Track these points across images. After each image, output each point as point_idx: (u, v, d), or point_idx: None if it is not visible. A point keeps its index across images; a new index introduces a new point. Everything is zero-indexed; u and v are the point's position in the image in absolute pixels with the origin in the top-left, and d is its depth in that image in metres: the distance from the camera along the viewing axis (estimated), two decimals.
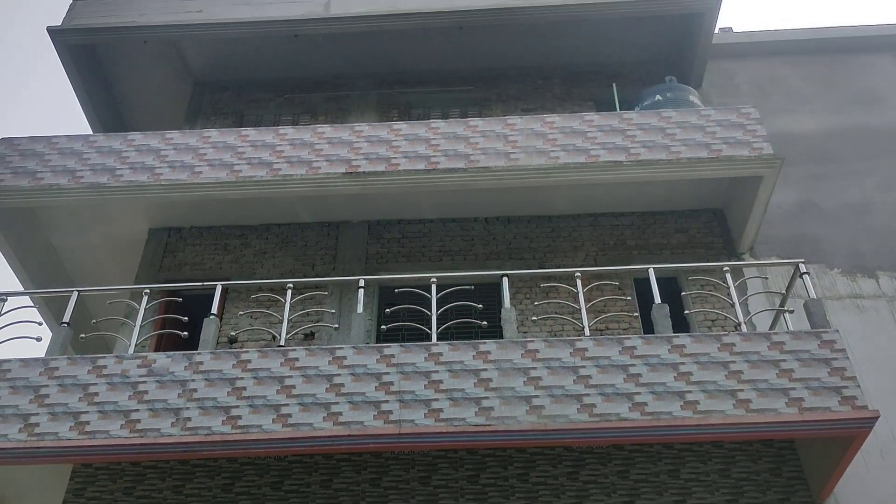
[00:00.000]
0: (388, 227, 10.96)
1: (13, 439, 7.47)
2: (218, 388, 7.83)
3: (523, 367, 7.85)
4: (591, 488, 8.45)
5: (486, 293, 9.20)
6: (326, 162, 10.17)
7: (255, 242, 10.88)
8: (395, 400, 7.71)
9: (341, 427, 7.58)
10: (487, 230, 10.87)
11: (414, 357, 7.98)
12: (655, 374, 7.69)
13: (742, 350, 7.77)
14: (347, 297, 10.05)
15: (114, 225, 10.79)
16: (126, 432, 7.55)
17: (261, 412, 7.69)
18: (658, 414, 7.46)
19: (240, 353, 8.13)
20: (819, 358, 7.65)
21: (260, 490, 8.59)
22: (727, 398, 7.47)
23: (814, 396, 7.41)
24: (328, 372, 7.91)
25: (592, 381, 7.71)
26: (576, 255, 10.53)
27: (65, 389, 7.80)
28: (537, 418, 7.53)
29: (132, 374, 7.92)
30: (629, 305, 9.51)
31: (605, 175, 10.01)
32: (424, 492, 8.50)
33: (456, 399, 7.69)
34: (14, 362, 7.99)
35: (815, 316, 8.06)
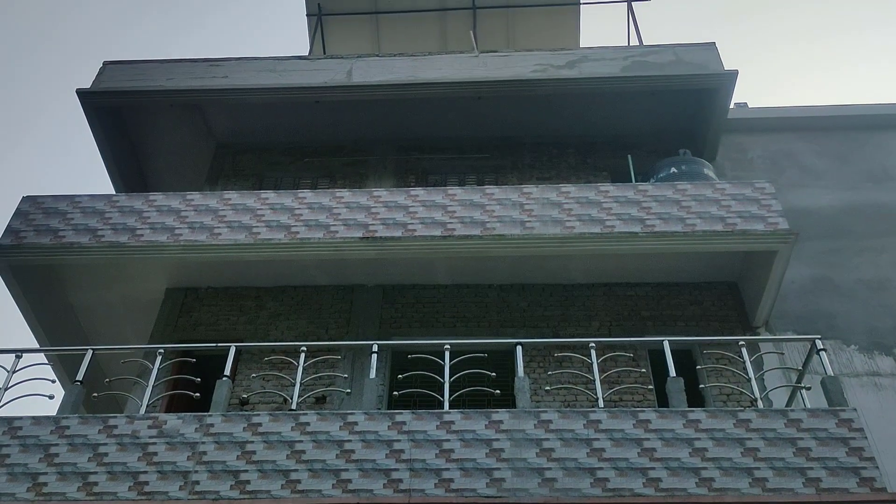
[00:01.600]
0: (402, 291, 10.99)
1: (21, 499, 7.42)
2: (228, 452, 7.78)
3: (536, 437, 7.77)
4: None
5: (499, 361, 9.17)
6: (344, 226, 10.29)
7: (271, 304, 10.93)
8: (405, 468, 7.63)
9: (350, 495, 7.49)
10: (502, 297, 10.88)
11: (426, 425, 7.92)
12: (670, 449, 7.59)
13: (758, 427, 7.67)
14: (360, 361, 10.03)
15: (132, 284, 10.89)
16: (134, 494, 7.48)
17: (270, 477, 7.62)
18: (672, 490, 7.33)
19: (251, 417, 8.10)
20: (837, 437, 7.54)
21: None
22: (743, 476, 7.35)
23: (831, 477, 7.28)
24: (339, 438, 7.86)
25: (606, 455, 7.61)
26: (590, 324, 10.51)
27: (75, 449, 7.77)
28: (550, 491, 7.42)
29: (142, 434, 7.89)
30: (643, 377, 9.43)
31: (621, 246, 10.06)
32: None
33: (467, 469, 7.60)
34: (26, 420, 7.98)
35: (832, 393, 7.98)
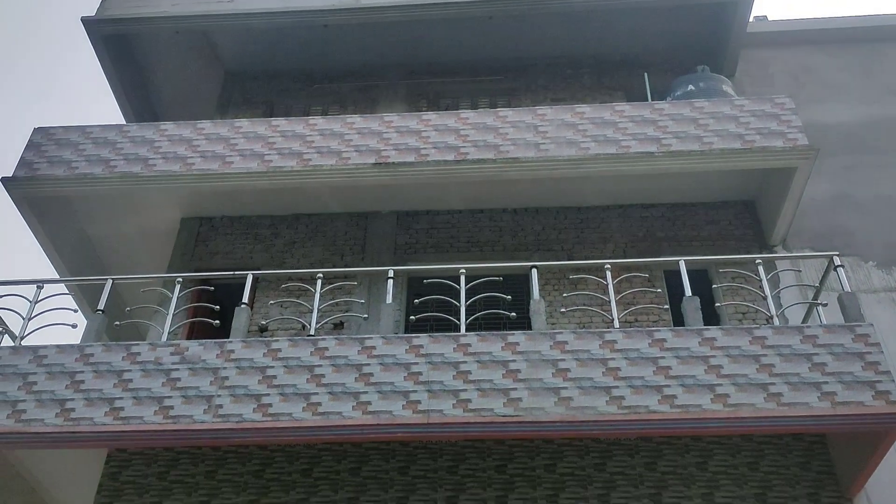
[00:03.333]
0: (416, 217, 10.98)
1: (50, 424, 7.62)
2: (249, 377, 7.92)
3: (552, 358, 7.85)
4: (618, 479, 8.44)
5: (514, 284, 9.20)
6: (356, 152, 10.22)
7: (286, 232, 10.97)
8: (423, 390, 7.74)
9: (370, 416, 7.64)
10: (516, 221, 10.86)
11: (443, 347, 8.00)
12: (685, 366, 7.65)
13: (774, 343, 7.70)
14: (376, 287, 10.10)
15: (147, 214, 10.94)
16: (160, 418, 7.67)
17: (291, 400, 7.76)
18: (687, 407, 7.42)
19: (270, 342, 8.21)
20: (853, 352, 7.56)
21: (290, 477, 8.69)
22: (758, 392, 7.41)
23: (847, 391, 7.32)
24: (357, 361, 7.97)
25: (622, 374, 7.69)
26: (605, 246, 10.49)
27: (100, 376, 7.94)
28: (565, 410, 7.52)
29: (165, 361, 8.03)
30: (659, 298, 9.45)
31: (636, 166, 9.95)
32: (452, 481, 8.54)
33: (484, 390, 7.71)
34: (50, 348, 8.14)
35: (849, 309, 7.96)
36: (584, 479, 8.46)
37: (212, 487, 8.67)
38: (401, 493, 8.50)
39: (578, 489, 8.40)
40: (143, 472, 8.81)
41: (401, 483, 8.57)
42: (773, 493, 8.24)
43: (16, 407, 7.73)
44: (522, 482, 8.48)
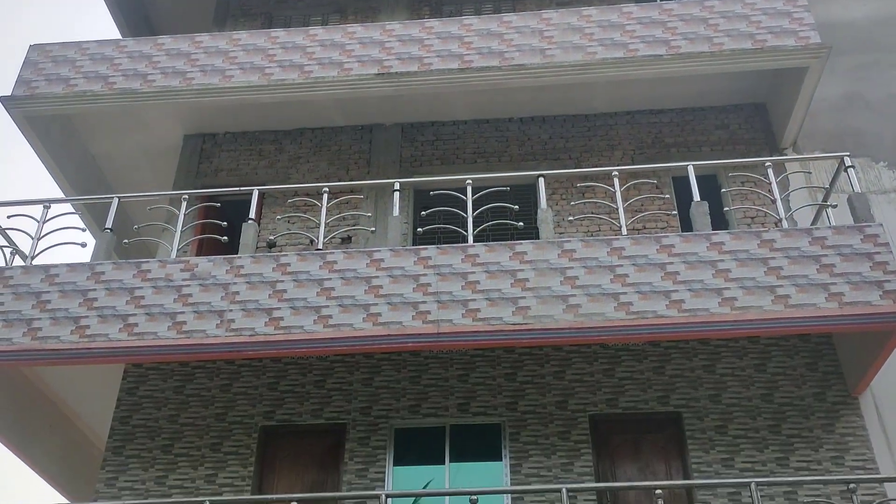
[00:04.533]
0: (421, 129, 10.85)
1: (66, 341, 7.74)
2: (259, 291, 7.98)
3: (560, 266, 7.87)
4: (626, 384, 8.59)
5: (521, 194, 9.16)
6: (358, 63, 10.01)
7: (290, 147, 10.87)
8: (433, 301, 7.80)
9: (381, 327, 7.72)
10: (522, 130, 10.72)
11: (451, 259, 8.02)
12: (693, 271, 7.66)
13: (782, 246, 7.68)
14: (383, 200, 10.07)
15: (149, 132, 10.84)
16: (173, 333, 7.78)
17: (302, 313, 7.84)
18: (695, 311, 7.47)
19: (279, 257, 8.24)
20: (861, 252, 7.55)
21: (304, 388, 8.86)
22: (766, 294, 7.44)
23: (854, 291, 7.34)
24: (366, 274, 8.00)
25: (629, 280, 7.71)
26: (612, 154, 10.37)
27: (112, 293, 8.01)
28: (574, 317, 7.59)
29: (176, 277, 8.09)
30: (667, 204, 9.40)
31: (645, 70, 9.73)
32: (463, 389, 8.70)
33: (493, 299, 7.76)
34: (61, 267, 8.19)
35: (858, 210, 7.91)
36: (593, 385, 8.61)
37: (227, 400, 8.86)
38: (413, 402, 8.68)
39: (587, 394, 8.56)
40: (160, 386, 9.00)
41: (412, 392, 8.74)
42: (780, 393, 8.38)
43: (31, 325, 7.84)
44: (532, 389, 8.64)
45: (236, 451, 8.55)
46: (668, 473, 8.21)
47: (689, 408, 8.38)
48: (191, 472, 8.47)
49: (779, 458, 8.02)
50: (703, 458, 8.09)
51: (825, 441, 8.06)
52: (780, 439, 8.12)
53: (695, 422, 8.30)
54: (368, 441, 8.50)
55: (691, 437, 8.22)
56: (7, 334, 7.79)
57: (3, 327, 7.83)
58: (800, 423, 8.18)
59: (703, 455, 8.11)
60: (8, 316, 7.90)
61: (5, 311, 7.93)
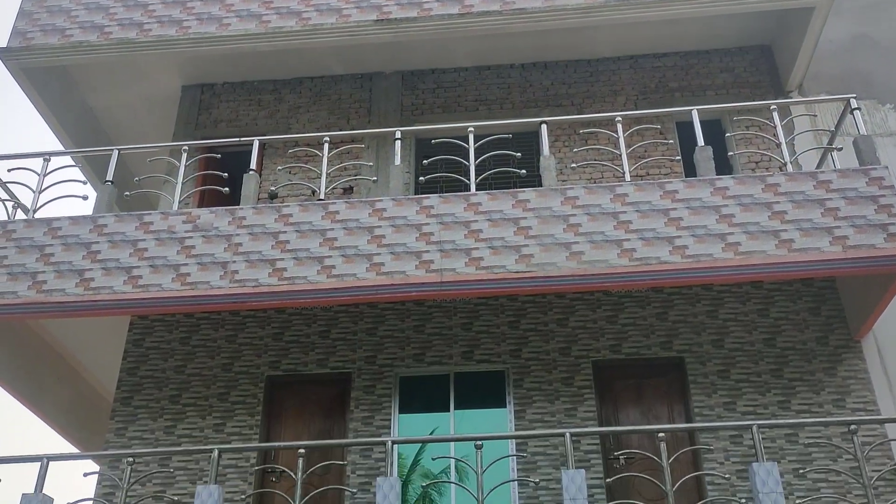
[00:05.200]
0: (422, 77, 10.72)
1: (71, 293, 7.77)
2: (262, 242, 7.98)
3: (563, 214, 7.83)
4: (629, 331, 8.63)
5: (524, 142, 9.08)
6: (357, 9, 9.83)
7: (289, 97, 10.76)
8: (435, 250, 7.79)
9: (384, 277, 7.73)
10: (524, 77, 10.58)
11: (453, 207, 7.99)
12: (697, 217, 7.63)
13: (787, 190, 7.63)
14: (384, 150, 10.00)
15: (147, 83, 10.72)
16: (177, 285, 7.80)
17: (305, 264, 7.85)
18: (699, 256, 7.46)
19: (281, 208, 8.22)
20: (866, 195, 7.50)
21: (309, 339, 8.92)
22: (769, 239, 7.42)
23: (859, 234, 7.32)
24: (369, 224, 7.99)
25: (632, 226, 7.68)
26: (616, 99, 10.26)
27: (115, 245, 8.01)
28: (577, 264, 7.58)
29: (178, 229, 8.08)
30: (671, 150, 9.32)
31: (649, 12, 9.52)
32: (466, 337, 8.75)
33: (496, 247, 7.75)
34: (64, 220, 8.18)
35: (864, 153, 7.84)
36: (596, 332, 8.65)
37: (233, 351, 8.93)
38: (417, 351, 8.74)
39: (591, 341, 8.61)
40: (166, 337, 9.07)
41: (417, 341, 8.79)
42: (782, 337, 8.42)
43: (36, 278, 7.86)
44: (536, 337, 8.68)
45: (243, 401, 8.65)
46: (670, 417, 8.30)
47: (692, 353, 8.44)
48: (199, 421, 8.58)
49: (780, 402, 8.09)
50: (706, 402, 8.17)
51: (827, 384, 8.12)
52: (782, 383, 8.19)
53: (697, 366, 8.36)
54: (374, 389, 8.58)
55: (693, 382, 8.29)
56: (12, 287, 7.82)
57: (7, 281, 7.85)
58: (802, 367, 8.24)
59: (705, 399, 8.18)
60: (12, 269, 7.92)
61: (9, 264, 7.95)
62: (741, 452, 7.87)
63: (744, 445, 7.87)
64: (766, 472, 6.33)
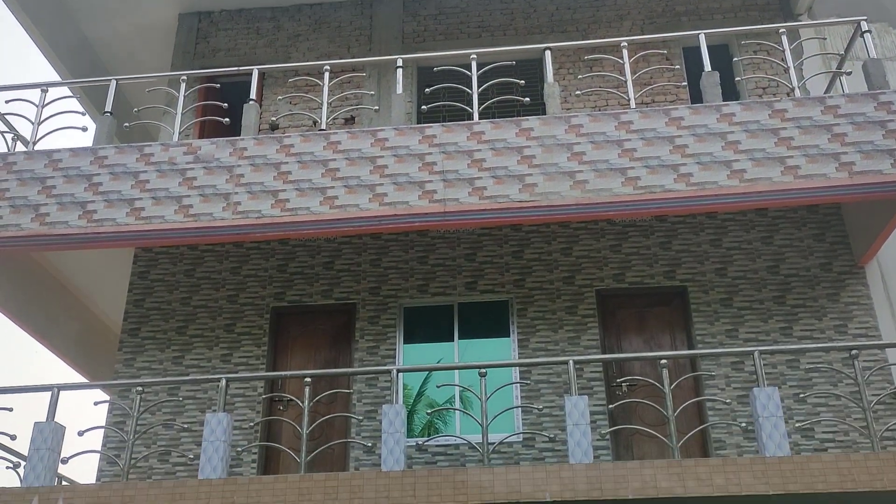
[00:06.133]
0: (423, 3, 10.49)
1: (74, 226, 7.77)
2: (264, 173, 7.93)
3: (567, 142, 7.75)
4: (633, 259, 8.63)
5: (527, 69, 8.94)
6: None
7: (288, 25, 10.55)
8: (438, 179, 7.74)
9: (387, 207, 7.69)
10: (528, 2, 10.35)
11: (456, 136, 7.90)
12: (702, 144, 7.54)
13: (794, 116, 7.52)
14: (385, 78, 9.85)
15: (143, 11, 10.52)
16: (180, 217, 7.78)
17: (308, 195, 7.81)
18: (704, 184, 7.40)
19: (282, 138, 8.14)
20: (874, 121, 7.39)
21: (313, 270, 8.95)
22: (776, 165, 7.34)
23: (866, 160, 7.24)
24: (371, 154, 7.91)
25: (637, 154, 7.60)
26: (621, 24, 10.05)
27: (116, 177, 7.97)
28: (581, 193, 7.53)
29: (179, 161, 8.02)
30: (677, 76, 9.18)
31: None
32: (470, 268, 8.77)
33: (499, 176, 7.69)
34: (64, 152, 8.12)
35: (873, 77, 7.69)
36: (600, 261, 8.66)
37: (238, 283, 8.98)
38: (421, 282, 8.77)
39: (594, 270, 8.62)
40: (171, 270, 9.10)
41: (420, 272, 8.82)
42: (786, 265, 8.42)
43: (38, 211, 7.85)
44: (539, 266, 8.70)
45: (249, 332, 8.73)
46: (672, 345, 8.37)
47: (695, 282, 8.45)
48: (206, 352, 8.68)
49: (782, 328, 8.14)
50: (708, 329, 8.22)
51: (829, 310, 8.16)
52: (785, 310, 8.23)
53: (700, 295, 8.39)
54: (378, 320, 8.65)
55: (696, 310, 8.33)
56: (15, 220, 7.81)
57: (10, 213, 7.84)
58: (805, 294, 8.26)
59: (707, 327, 8.24)
60: (14, 202, 7.90)
61: (11, 196, 7.93)
62: (742, 379, 7.95)
63: (745, 372, 7.96)
64: (766, 397, 6.41)
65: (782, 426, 6.30)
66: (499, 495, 6.16)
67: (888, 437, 7.39)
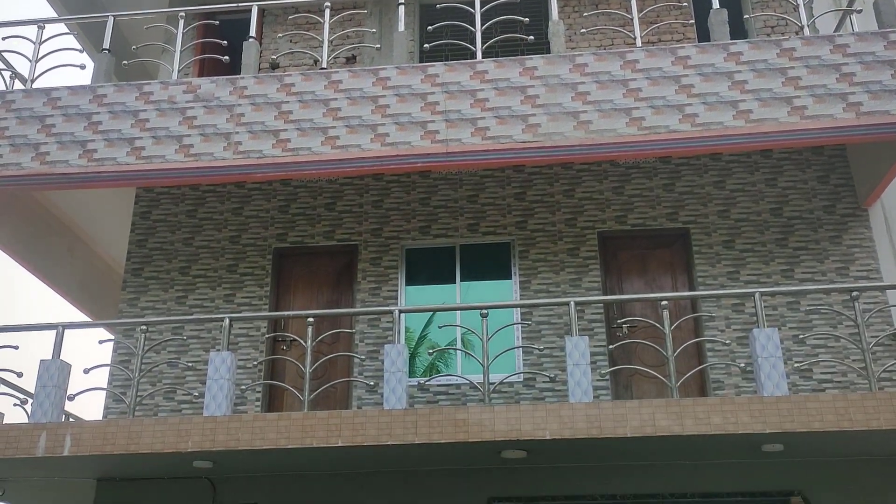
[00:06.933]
0: None
1: (74, 165, 7.72)
2: (265, 113, 7.85)
3: (571, 81, 7.64)
4: (636, 201, 8.60)
5: (532, 6, 8.76)
6: None
7: None
8: (441, 119, 7.66)
9: (389, 147, 7.63)
10: None
11: (459, 76, 7.80)
12: (709, 84, 7.44)
13: (802, 55, 7.39)
14: (387, 16, 9.68)
15: None
16: (181, 157, 7.72)
17: (309, 135, 7.74)
18: (709, 124, 7.32)
19: (283, 77, 8.03)
20: (883, 60, 7.26)
21: (315, 211, 8.94)
22: (782, 105, 7.25)
23: (873, 100, 7.14)
24: (372, 93, 7.82)
25: (642, 94, 7.51)
26: None
27: (116, 116, 7.89)
28: (585, 133, 7.46)
29: (179, 100, 7.94)
30: (684, 14, 9.00)
31: None
32: (473, 209, 8.75)
33: (502, 116, 7.61)
34: (62, 90, 8.02)
35: (884, 15, 7.53)
36: (603, 203, 8.63)
37: (240, 223, 8.97)
38: (423, 223, 8.76)
39: (596, 212, 8.60)
40: (173, 210, 9.09)
41: (422, 213, 8.80)
42: (789, 207, 8.39)
43: (38, 150, 7.80)
44: (541, 208, 8.67)
45: (252, 272, 8.76)
46: (674, 288, 8.39)
47: (698, 224, 8.44)
48: (209, 292, 8.72)
49: (784, 271, 8.16)
50: (710, 271, 8.24)
51: (831, 252, 8.16)
52: (787, 252, 8.23)
53: (702, 237, 8.38)
54: (380, 262, 8.66)
55: (698, 253, 8.33)
56: (16, 159, 7.77)
57: (10, 152, 7.79)
58: (807, 236, 8.25)
59: (709, 269, 8.25)
60: (14, 141, 7.85)
61: (11, 135, 7.86)
62: (742, 320, 8.00)
63: (745, 314, 7.99)
64: (766, 338, 6.45)
65: (781, 366, 6.35)
66: (499, 433, 6.25)
67: (885, 378, 7.47)
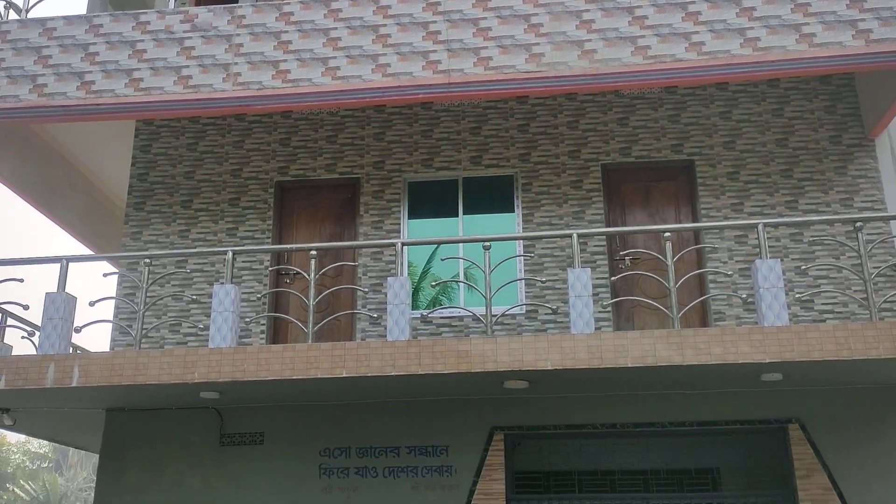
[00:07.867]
0: None
1: (73, 97, 7.64)
2: (264, 43, 7.73)
3: (575, 9, 7.50)
4: (640, 133, 8.51)
5: None
6: None
7: None
8: (443, 49, 7.55)
9: (390, 78, 7.55)
10: None
11: (461, 4, 7.66)
12: (716, 10, 7.29)
13: None
14: None
15: None
16: (180, 88, 7.64)
17: (309, 66, 7.64)
18: (715, 53, 7.20)
19: (282, 6, 7.89)
20: None
21: (316, 144, 8.87)
22: (790, 33, 7.12)
23: (884, 27, 7.00)
24: (373, 22, 7.69)
25: (648, 22, 7.37)
26: None
27: (113, 47, 7.78)
28: (589, 63, 7.35)
29: (176, 30, 7.81)
30: None
31: None
32: (475, 142, 8.67)
33: (505, 46, 7.50)
34: (58, 20, 7.89)
35: None
36: (606, 134, 8.54)
37: (241, 157, 8.91)
38: (425, 156, 8.69)
39: (600, 143, 8.52)
40: (173, 143, 9.03)
41: (425, 146, 8.73)
42: (795, 137, 8.31)
43: (36, 81, 7.71)
44: (545, 140, 8.59)
45: (254, 206, 8.74)
46: (677, 220, 8.37)
47: (702, 155, 8.37)
48: (212, 225, 8.72)
49: (788, 202, 8.12)
50: (713, 203, 8.20)
51: (836, 183, 8.10)
52: (791, 183, 8.18)
53: (707, 169, 8.32)
54: (382, 195, 8.63)
55: (702, 185, 8.28)
56: (13, 91, 7.69)
57: (8, 84, 7.71)
58: (812, 167, 8.19)
59: (713, 201, 8.21)
60: (11, 72, 7.75)
61: (8, 67, 7.77)
62: (745, 252, 7.99)
63: (748, 245, 7.99)
64: (768, 269, 6.45)
65: (782, 297, 6.36)
66: (501, 364, 6.31)
67: (886, 308, 7.50)
